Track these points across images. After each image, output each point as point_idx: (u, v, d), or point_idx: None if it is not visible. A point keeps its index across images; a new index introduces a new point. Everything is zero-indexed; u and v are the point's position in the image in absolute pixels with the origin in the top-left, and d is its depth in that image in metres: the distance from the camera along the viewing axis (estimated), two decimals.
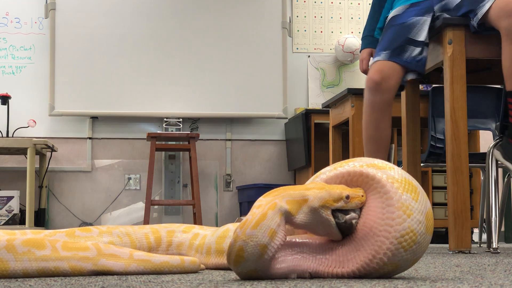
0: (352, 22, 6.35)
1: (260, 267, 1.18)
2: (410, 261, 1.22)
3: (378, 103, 2.77)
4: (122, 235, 1.65)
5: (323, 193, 1.21)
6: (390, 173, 1.24)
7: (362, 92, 3.87)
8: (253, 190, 5.67)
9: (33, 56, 5.91)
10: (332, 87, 6.24)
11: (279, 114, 6.01)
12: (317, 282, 1.14)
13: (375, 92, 2.76)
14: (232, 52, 6.00)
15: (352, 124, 3.75)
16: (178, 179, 6.00)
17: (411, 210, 1.20)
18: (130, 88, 5.87)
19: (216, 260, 1.58)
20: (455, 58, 2.68)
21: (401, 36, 2.76)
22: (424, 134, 4.46)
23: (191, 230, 1.72)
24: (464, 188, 2.64)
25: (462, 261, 1.98)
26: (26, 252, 1.30)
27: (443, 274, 1.40)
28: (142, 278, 1.29)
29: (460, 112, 2.68)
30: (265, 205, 1.19)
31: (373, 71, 2.78)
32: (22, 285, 1.13)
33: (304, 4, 6.32)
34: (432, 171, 5.07)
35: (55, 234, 1.60)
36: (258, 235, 1.16)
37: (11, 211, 5.32)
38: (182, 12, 6.00)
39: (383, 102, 2.77)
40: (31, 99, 5.85)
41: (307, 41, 6.29)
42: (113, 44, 5.89)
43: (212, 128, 6.10)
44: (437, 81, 3.26)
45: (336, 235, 1.22)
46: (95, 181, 5.96)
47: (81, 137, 5.94)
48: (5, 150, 5.37)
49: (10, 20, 5.93)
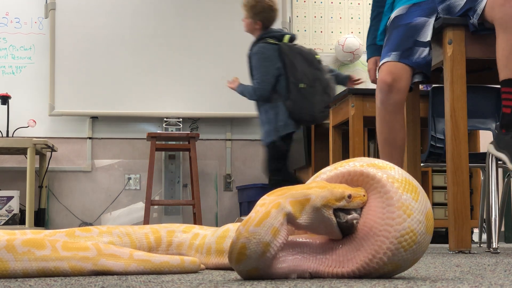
0: (352, 22, 6.35)
1: (261, 266, 1.18)
2: (410, 261, 1.22)
3: (392, 104, 2.75)
4: (122, 235, 1.65)
5: (325, 192, 1.21)
6: (391, 173, 1.24)
7: (362, 92, 3.88)
8: (253, 190, 5.67)
9: (33, 56, 5.91)
10: None
11: None
12: (317, 282, 1.14)
13: (388, 94, 2.74)
14: (232, 52, 5.99)
15: (352, 124, 3.75)
16: (178, 179, 6.00)
17: (411, 210, 1.20)
18: (130, 88, 5.87)
19: (216, 260, 1.58)
20: (455, 58, 2.68)
21: (409, 37, 2.74)
22: (424, 134, 4.45)
23: (191, 230, 1.72)
24: (464, 188, 2.64)
25: (462, 261, 1.98)
26: (26, 252, 1.30)
27: (443, 274, 1.40)
28: (142, 278, 1.29)
29: (460, 112, 2.68)
30: (268, 203, 1.19)
31: (384, 72, 2.76)
32: (22, 285, 1.13)
33: (304, 4, 6.32)
34: (432, 171, 5.07)
35: (55, 234, 1.60)
36: (261, 233, 1.16)
37: (11, 211, 5.32)
38: (182, 12, 6.00)
39: (396, 103, 2.75)
40: (31, 99, 5.85)
41: (307, 41, 6.28)
42: (113, 44, 5.89)
43: (212, 128, 6.10)
44: (437, 81, 3.26)
45: (337, 235, 1.22)
46: (95, 181, 5.96)
47: (81, 137, 5.94)
48: (5, 150, 5.37)
49: (10, 20, 5.93)
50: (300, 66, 4.17)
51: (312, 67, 4.22)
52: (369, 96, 3.84)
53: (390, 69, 2.74)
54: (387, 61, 2.76)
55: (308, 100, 4.15)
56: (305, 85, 4.13)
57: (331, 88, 4.28)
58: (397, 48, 2.75)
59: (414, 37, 2.73)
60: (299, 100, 4.13)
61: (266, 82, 4.16)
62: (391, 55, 2.75)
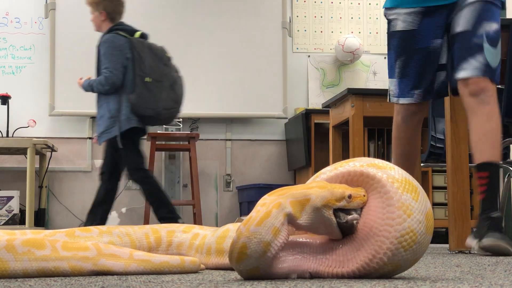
0: (352, 22, 6.35)
1: (262, 265, 1.18)
2: (410, 261, 1.22)
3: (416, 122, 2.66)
4: (122, 235, 1.65)
5: (325, 193, 1.21)
6: (391, 173, 1.24)
7: (362, 92, 3.88)
8: (253, 190, 5.67)
9: (33, 56, 5.91)
10: (332, 87, 6.24)
11: (279, 114, 6.01)
12: (317, 282, 1.13)
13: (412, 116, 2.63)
14: (232, 52, 6.00)
15: (352, 124, 3.75)
16: (178, 179, 6.00)
17: (411, 210, 1.20)
18: None
19: (216, 260, 1.58)
20: None
21: (430, 67, 2.57)
22: (424, 134, 4.45)
23: (191, 230, 1.72)
24: (464, 188, 2.64)
25: (462, 261, 1.98)
26: (26, 252, 1.30)
27: (443, 274, 1.40)
28: (142, 278, 1.29)
29: (460, 112, 2.68)
30: (269, 203, 1.19)
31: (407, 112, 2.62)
32: (22, 285, 1.13)
33: (304, 4, 6.32)
34: (432, 171, 5.07)
35: (55, 234, 1.60)
36: (262, 232, 1.16)
37: (11, 211, 5.32)
38: (182, 12, 6.00)
39: (419, 121, 2.67)
40: (31, 99, 5.85)
41: (307, 41, 6.29)
42: None
43: (212, 128, 6.10)
44: None
45: (337, 235, 1.22)
46: (95, 181, 5.94)
47: (81, 137, 5.94)
48: (5, 150, 5.37)
49: (10, 20, 5.93)
50: (148, 60, 4.05)
51: (161, 63, 4.11)
52: (369, 96, 3.84)
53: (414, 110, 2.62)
54: (410, 103, 2.60)
55: (154, 95, 4.02)
56: (152, 79, 4.02)
57: (178, 85, 4.16)
58: (419, 84, 2.58)
59: (435, 63, 2.57)
60: (144, 94, 3.99)
61: (118, 70, 4.02)
62: (414, 95, 2.59)
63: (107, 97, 4.06)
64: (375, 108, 3.81)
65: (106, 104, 4.06)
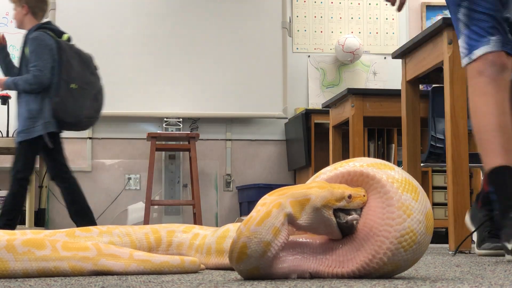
0: (352, 22, 6.35)
1: (262, 265, 1.18)
2: (410, 261, 1.22)
3: (505, 82, 2.11)
4: (122, 235, 1.65)
5: (325, 193, 1.21)
6: (390, 173, 1.24)
7: (362, 92, 3.88)
8: (253, 190, 5.67)
9: None
10: (332, 87, 6.24)
11: (279, 114, 6.01)
12: (317, 282, 1.14)
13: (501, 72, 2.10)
14: (232, 52, 6.00)
15: (352, 124, 3.75)
16: (178, 179, 6.00)
17: (411, 210, 1.20)
18: (130, 88, 5.87)
19: (216, 260, 1.58)
20: (455, 58, 2.68)
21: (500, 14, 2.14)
22: (424, 134, 4.46)
23: (191, 230, 1.72)
24: (464, 188, 2.64)
25: (462, 261, 1.98)
26: (26, 252, 1.30)
27: (443, 274, 1.40)
28: (142, 278, 1.29)
29: (460, 112, 2.68)
30: (269, 203, 1.19)
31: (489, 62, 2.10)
32: (22, 285, 1.13)
33: (304, 4, 6.32)
34: (432, 171, 5.07)
35: (55, 234, 1.60)
36: (262, 232, 1.16)
37: None
38: (182, 12, 6.00)
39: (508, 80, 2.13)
40: None
41: (307, 41, 6.29)
42: (113, 44, 5.89)
43: (212, 128, 6.10)
44: (437, 81, 3.26)
45: (337, 235, 1.22)
46: (95, 181, 5.96)
47: (81, 137, 5.94)
48: (5, 150, 5.37)
49: (10, 20, 5.93)
50: (76, 66, 3.99)
51: (88, 71, 4.06)
52: (369, 96, 3.84)
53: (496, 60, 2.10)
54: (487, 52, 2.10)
55: (77, 102, 3.95)
56: (78, 86, 3.94)
57: (101, 96, 4.11)
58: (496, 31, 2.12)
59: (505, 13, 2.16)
60: (68, 100, 3.91)
61: (47, 70, 3.91)
62: (491, 41, 2.11)
63: (27, 96, 3.96)
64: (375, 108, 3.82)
65: (25, 103, 3.97)
